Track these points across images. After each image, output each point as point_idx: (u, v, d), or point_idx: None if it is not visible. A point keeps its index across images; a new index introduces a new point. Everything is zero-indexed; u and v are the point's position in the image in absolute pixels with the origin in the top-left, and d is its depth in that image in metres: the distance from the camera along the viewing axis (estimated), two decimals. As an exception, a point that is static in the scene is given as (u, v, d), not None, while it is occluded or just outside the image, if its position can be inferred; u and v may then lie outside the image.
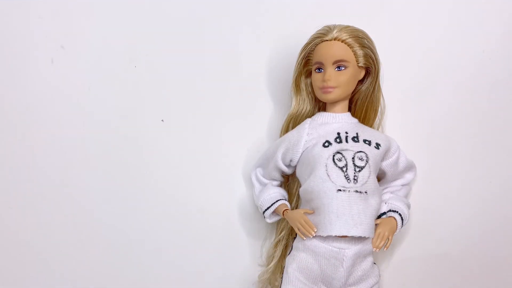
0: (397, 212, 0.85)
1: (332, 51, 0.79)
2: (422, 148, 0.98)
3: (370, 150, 0.81)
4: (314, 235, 0.78)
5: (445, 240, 1.03)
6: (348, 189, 0.77)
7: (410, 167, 0.91)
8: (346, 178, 0.78)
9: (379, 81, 0.86)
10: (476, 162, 1.01)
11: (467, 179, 1.01)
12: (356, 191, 0.77)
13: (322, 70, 0.81)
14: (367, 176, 0.79)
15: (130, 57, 0.87)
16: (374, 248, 0.80)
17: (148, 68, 0.88)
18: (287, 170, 0.87)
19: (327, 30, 0.80)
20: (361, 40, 0.80)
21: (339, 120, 0.84)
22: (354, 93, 0.87)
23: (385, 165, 0.86)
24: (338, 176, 0.78)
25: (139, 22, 0.87)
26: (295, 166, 0.86)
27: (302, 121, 0.87)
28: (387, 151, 0.85)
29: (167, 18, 0.88)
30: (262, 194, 0.88)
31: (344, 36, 0.79)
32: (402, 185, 0.91)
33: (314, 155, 0.80)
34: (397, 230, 0.84)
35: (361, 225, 0.76)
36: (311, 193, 0.79)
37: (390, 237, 0.82)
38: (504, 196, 1.03)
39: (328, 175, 0.78)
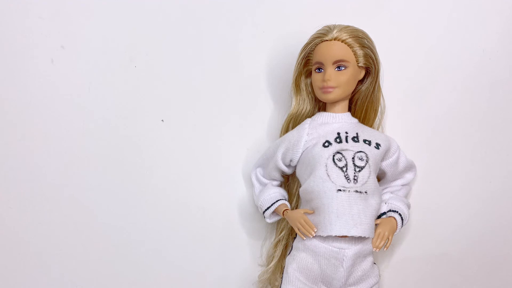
0: (397, 212, 0.85)
1: (332, 51, 0.79)
2: (422, 148, 0.98)
3: (370, 150, 0.81)
4: (314, 235, 0.78)
5: (445, 240, 1.03)
6: (348, 189, 0.77)
7: (410, 167, 0.91)
8: (346, 178, 0.78)
9: (379, 81, 0.86)
10: (476, 162, 1.01)
11: (467, 179, 1.01)
12: (356, 191, 0.77)
13: (322, 70, 0.81)
14: (367, 176, 0.79)
15: (130, 57, 0.87)
16: (374, 248, 0.80)
17: (148, 68, 0.88)
18: (287, 170, 0.87)
19: (327, 30, 0.80)
20: (361, 40, 0.80)
21: (339, 120, 0.84)
22: (354, 93, 0.87)
23: (385, 165, 0.87)
24: (338, 176, 0.78)
25: (139, 22, 0.87)
26: (295, 166, 0.86)
27: (302, 121, 0.87)
28: (387, 151, 0.85)
29: (167, 18, 0.88)
30: (262, 194, 0.88)
31: (344, 36, 0.79)
32: (402, 185, 0.91)
33: (314, 155, 0.80)
34: (397, 230, 0.84)
35: (361, 225, 0.76)
36: (311, 193, 0.79)
37: (390, 237, 0.81)
38: (504, 196, 1.03)
39: (328, 175, 0.78)
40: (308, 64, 0.85)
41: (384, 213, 0.85)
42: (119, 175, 0.90)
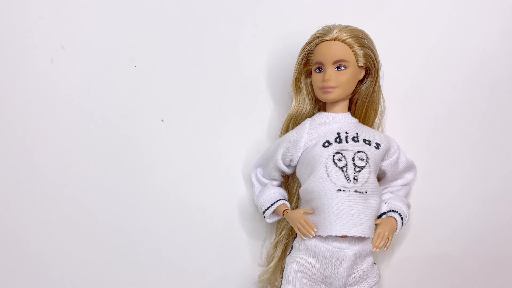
0: (397, 212, 0.85)
1: (332, 51, 0.79)
2: (422, 148, 0.98)
3: (370, 150, 0.81)
4: (314, 235, 0.78)
5: (445, 240, 1.03)
6: (348, 189, 0.77)
7: (410, 167, 0.91)
8: (346, 178, 0.78)
9: (379, 81, 0.86)
10: (476, 162, 1.01)
11: (467, 179, 1.01)
12: (356, 191, 0.77)
13: (322, 70, 0.81)
14: (367, 176, 0.79)
15: (130, 57, 0.87)
16: (374, 248, 0.80)
17: (148, 68, 0.88)
18: (287, 170, 0.87)
19: (327, 30, 0.80)
20: (361, 40, 0.80)
21: (339, 120, 0.84)
22: (354, 93, 0.87)
23: (385, 165, 0.87)
24: (338, 176, 0.78)
25: (139, 22, 0.87)
26: (295, 166, 0.86)
27: (302, 121, 0.87)
28: (387, 151, 0.85)
29: (167, 18, 0.88)
30: (262, 194, 0.88)
31: (344, 36, 0.79)
32: (402, 185, 0.91)
33: (314, 155, 0.80)
34: (397, 230, 0.84)
35: (361, 225, 0.76)
36: (311, 193, 0.79)
37: (390, 237, 0.81)
38: (504, 196, 1.03)
39: (328, 175, 0.78)
40: (308, 64, 0.85)
41: (384, 213, 0.85)
42: (119, 175, 0.90)
